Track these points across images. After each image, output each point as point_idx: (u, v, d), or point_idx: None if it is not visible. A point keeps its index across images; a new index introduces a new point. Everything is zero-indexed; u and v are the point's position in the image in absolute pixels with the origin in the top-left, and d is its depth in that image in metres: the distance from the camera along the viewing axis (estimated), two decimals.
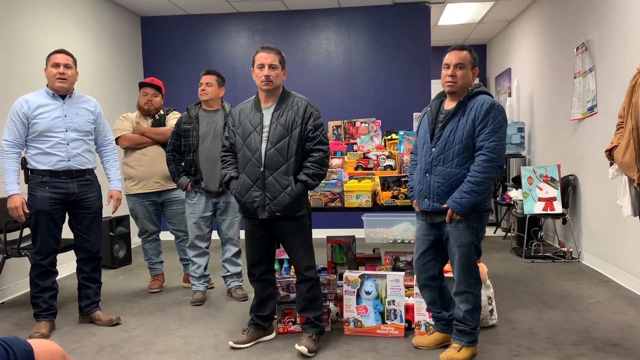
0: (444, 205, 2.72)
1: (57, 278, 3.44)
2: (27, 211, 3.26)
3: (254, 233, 3.05)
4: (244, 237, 3.72)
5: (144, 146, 4.16)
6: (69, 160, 3.30)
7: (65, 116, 3.30)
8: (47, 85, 3.34)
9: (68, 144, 3.29)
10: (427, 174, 2.78)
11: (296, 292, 3.12)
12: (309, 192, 3.36)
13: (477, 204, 2.67)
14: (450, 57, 2.75)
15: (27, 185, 3.31)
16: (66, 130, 3.29)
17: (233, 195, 3.04)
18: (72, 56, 3.37)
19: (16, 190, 3.21)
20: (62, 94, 3.33)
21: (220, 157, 3.17)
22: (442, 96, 2.89)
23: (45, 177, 3.26)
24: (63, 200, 3.31)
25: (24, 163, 3.31)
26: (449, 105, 2.80)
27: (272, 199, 2.89)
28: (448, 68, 2.75)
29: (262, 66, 2.90)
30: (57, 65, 3.27)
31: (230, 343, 3.07)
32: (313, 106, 2.97)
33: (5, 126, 3.25)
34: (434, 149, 2.76)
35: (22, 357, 1.37)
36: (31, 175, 3.29)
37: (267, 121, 2.93)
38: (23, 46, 4.56)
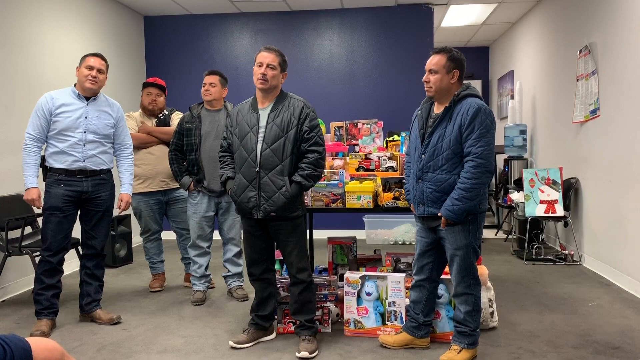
0: (438, 214, 2.73)
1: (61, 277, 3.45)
2: (42, 205, 3.33)
3: (252, 233, 3.06)
4: None
5: (149, 145, 4.18)
6: (84, 161, 3.35)
7: (86, 117, 3.35)
8: (74, 85, 3.40)
9: (84, 145, 3.34)
10: (420, 181, 2.80)
11: (289, 295, 3.12)
12: (307, 192, 3.37)
13: (469, 209, 2.67)
14: (427, 61, 2.78)
15: (44, 182, 3.37)
16: (84, 132, 3.34)
17: (229, 195, 3.06)
18: (106, 61, 3.44)
19: (35, 183, 3.28)
20: (89, 95, 3.38)
21: (218, 157, 3.20)
22: (432, 99, 2.89)
23: (61, 175, 3.32)
24: (76, 197, 3.36)
25: (42, 161, 3.38)
26: (438, 108, 2.81)
27: (267, 199, 2.90)
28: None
29: (260, 64, 2.93)
30: (91, 68, 3.33)
31: (231, 343, 3.07)
32: (309, 107, 2.98)
33: (29, 120, 3.31)
34: (423, 156, 2.77)
35: (20, 355, 1.38)
36: (49, 173, 3.36)
37: (263, 122, 2.95)
38: (27, 44, 4.57)
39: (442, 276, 3.03)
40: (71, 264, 4.81)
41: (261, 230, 3.04)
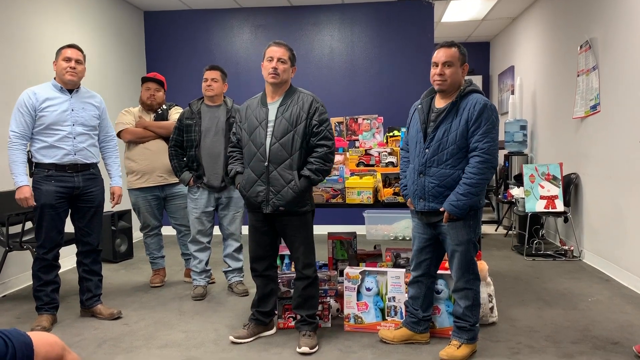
0: (441, 209, 2.72)
1: (59, 272, 3.45)
2: (34, 204, 3.28)
3: (258, 228, 3.06)
4: (245, 233, 3.75)
5: (147, 140, 4.17)
6: (75, 154, 3.32)
7: (72, 110, 3.33)
8: (54, 79, 3.36)
9: (74, 138, 3.32)
10: (421, 175, 2.78)
11: (293, 289, 3.13)
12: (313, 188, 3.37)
13: (473, 204, 2.67)
14: (439, 55, 2.74)
15: (31, 179, 3.32)
16: (73, 124, 3.31)
17: (238, 189, 3.06)
18: (82, 52, 3.40)
19: (25, 181, 3.24)
20: (70, 87, 3.35)
21: (228, 152, 3.19)
22: (432, 93, 2.87)
23: (50, 170, 3.28)
24: (68, 194, 3.33)
25: (28, 157, 3.32)
26: (440, 103, 2.79)
27: (276, 194, 2.90)
28: (436, 66, 2.74)
29: (271, 59, 2.93)
30: (68, 60, 3.29)
31: (231, 338, 3.08)
32: (319, 101, 2.98)
33: (11, 118, 3.26)
34: (427, 150, 2.75)
35: (22, 349, 1.38)
36: (36, 169, 3.31)
37: (272, 116, 2.94)
38: (27, 40, 4.56)
39: (442, 271, 3.04)
40: (71, 259, 4.81)
41: (268, 225, 3.04)
